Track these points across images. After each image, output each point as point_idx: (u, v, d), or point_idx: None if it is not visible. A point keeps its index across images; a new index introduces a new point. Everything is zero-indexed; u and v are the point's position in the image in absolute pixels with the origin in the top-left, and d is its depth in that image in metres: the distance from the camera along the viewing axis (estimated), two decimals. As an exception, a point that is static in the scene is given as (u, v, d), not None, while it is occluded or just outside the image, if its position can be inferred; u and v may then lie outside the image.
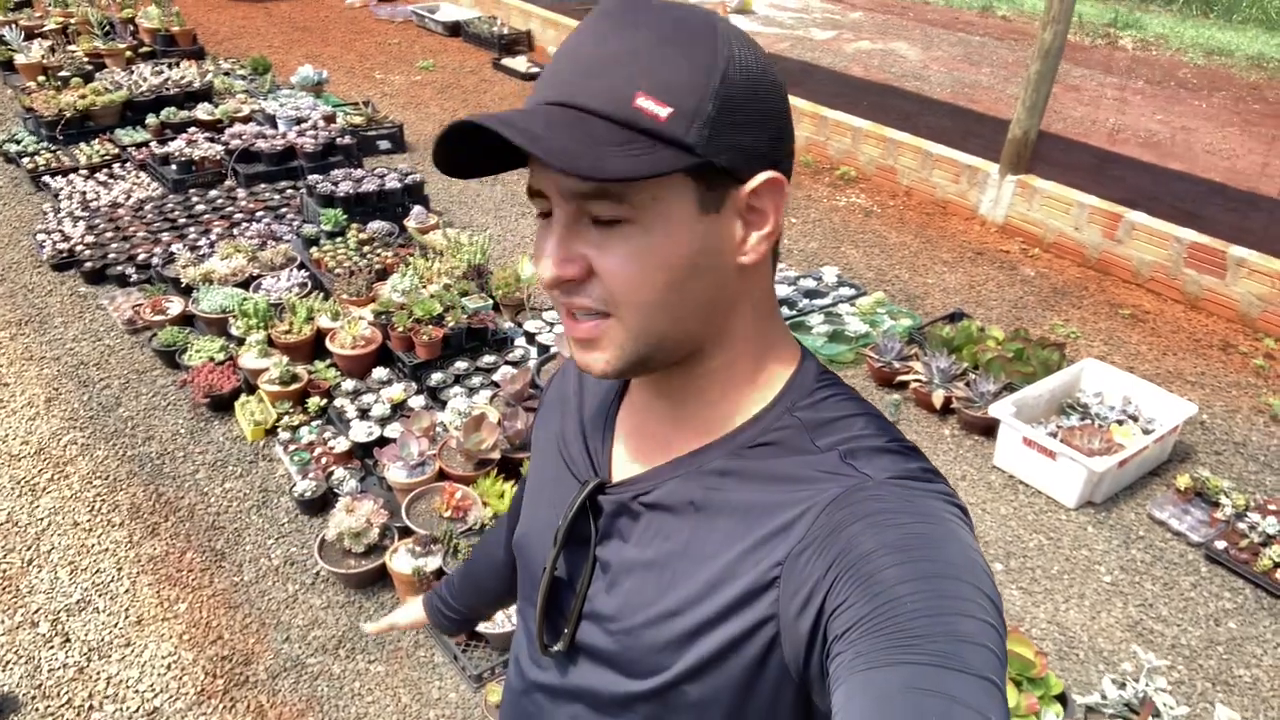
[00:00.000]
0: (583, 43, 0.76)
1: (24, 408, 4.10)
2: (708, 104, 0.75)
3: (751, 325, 0.88)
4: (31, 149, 6.34)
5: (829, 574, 0.73)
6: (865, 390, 4.42)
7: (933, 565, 0.70)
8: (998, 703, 0.63)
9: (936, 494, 0.79)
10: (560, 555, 0.96)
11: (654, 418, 0.93)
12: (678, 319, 0.81)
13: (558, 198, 0.77)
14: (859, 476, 0.79)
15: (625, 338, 0.80)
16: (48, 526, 3.46)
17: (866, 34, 10.99)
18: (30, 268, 5.16)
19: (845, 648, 0.68)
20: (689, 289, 0.80)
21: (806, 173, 6.96)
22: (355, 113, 7.11)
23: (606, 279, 0.78)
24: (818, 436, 0.84)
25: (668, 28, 0.76)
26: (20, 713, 2.78)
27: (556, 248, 0.78)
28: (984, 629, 0.66)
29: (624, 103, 0.73)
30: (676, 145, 0.74)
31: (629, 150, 0.72)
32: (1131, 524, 3.67)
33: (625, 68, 0.74)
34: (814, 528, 0.77)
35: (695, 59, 0.75)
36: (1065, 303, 5.28)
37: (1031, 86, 5.64)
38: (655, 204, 0.76)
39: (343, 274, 4.75)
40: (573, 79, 0.75)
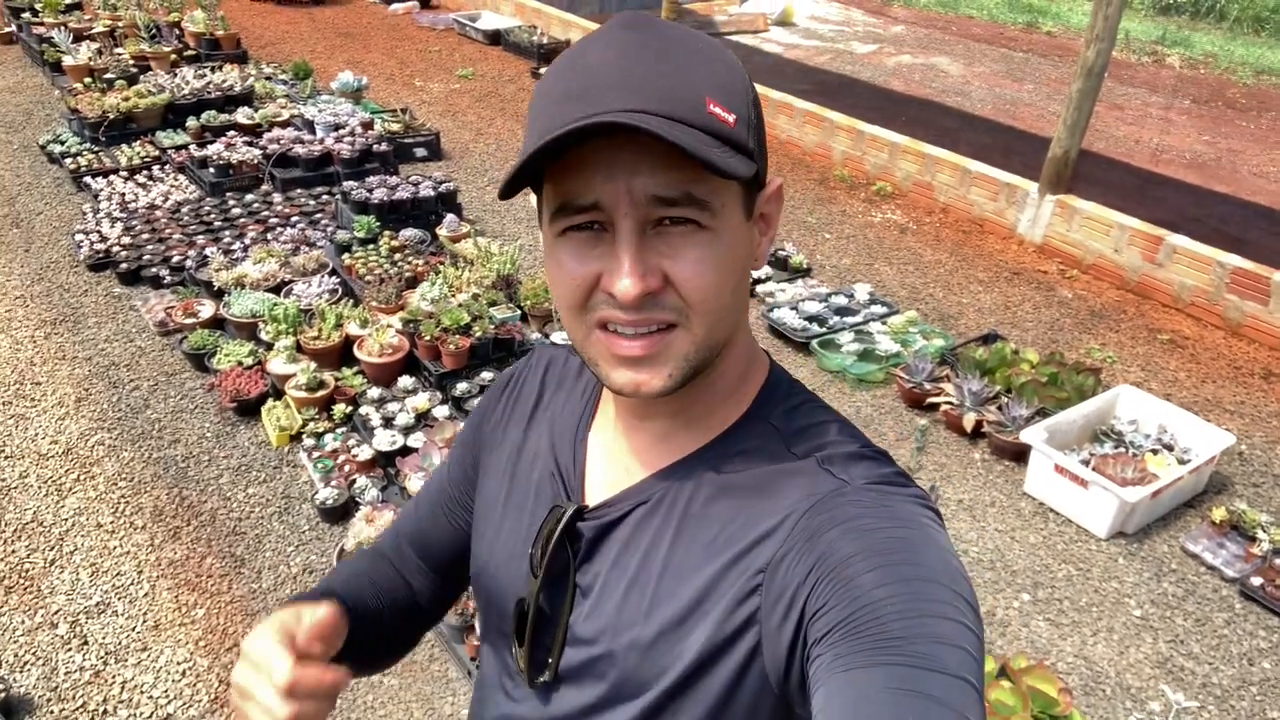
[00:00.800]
0: (620, 54, 0.74)
1: (54, 407, 4.15)
2: (752, 112, 0.78)
3: (745, 333, 0.90)
4: (74, 150, 6.45)
5: (809, 578, 0.74)
6: (895, 411, 4.36)
7: (911, 569, 0.71)
8: (975, 702, 0.64)
9: (912, 498, 0.80)
10: (540, 586, 0.93)
11: (634, 433, 0.92)
12: (730, 324, 0.82)
13: (626, 206, 0.74)
14: (837, 482, 0.81)
15: (691, 348, 0.79)
16: (72, 527, 3.49)
17: (908, 48, 10.90)
18: (67, 267, 5.24)
19: (824, 650, 0.69)
20: (740, 293, 0.83)
21: (842, 188, 6.90)
22: (393, 120, 7.15)
23: (684, 287, 0.76)
24: (794, 444, 0.86)
25: (696, 39, 0.78)
26: (36, 715, 2.79)
27: (635, 261, 0.75)
28: (961, 631, 0.67)
29: (699, 109, 0.73)
30: (744, 151, 0.76)
31: (724, 152, 0.73)
32: (1164, 556, 3.57)
33: (686, 75, 0.74)
34: (794, 534, 0.78)
35: (732, 67, 0.79)
36: (1102, 326, 5.17)
37: (1073, 105, 5.54)
38: (724, 209, 0.77)
39: (373, 281, 4.76)
40: (635, 88, 0.72)
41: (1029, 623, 3.26)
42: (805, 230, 6.19)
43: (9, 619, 3.11)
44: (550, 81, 0.78)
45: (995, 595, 3.37)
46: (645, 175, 0.73)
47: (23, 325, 4.72)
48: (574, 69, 0.75)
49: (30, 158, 6.57)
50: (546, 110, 0.75)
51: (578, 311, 0.80)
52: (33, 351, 4.52)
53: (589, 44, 0.77)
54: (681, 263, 0.76)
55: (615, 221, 0.75)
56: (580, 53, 0.77)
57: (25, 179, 6.27)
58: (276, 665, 0.79)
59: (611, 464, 0.93)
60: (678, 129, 0.70)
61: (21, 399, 4.19)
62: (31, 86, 7.96)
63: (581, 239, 0.77)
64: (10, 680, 2.88)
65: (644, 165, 0.73)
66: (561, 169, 0.75)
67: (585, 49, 0.76)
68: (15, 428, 4.01)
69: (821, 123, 7.33)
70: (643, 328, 0.78)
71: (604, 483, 0.93)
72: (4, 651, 2.99)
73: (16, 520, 3.52)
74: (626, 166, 0.73)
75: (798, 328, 4.81)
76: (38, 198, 6.03)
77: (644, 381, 0.80)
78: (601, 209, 0.75)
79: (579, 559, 0.91)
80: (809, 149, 7.46)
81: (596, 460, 0.95)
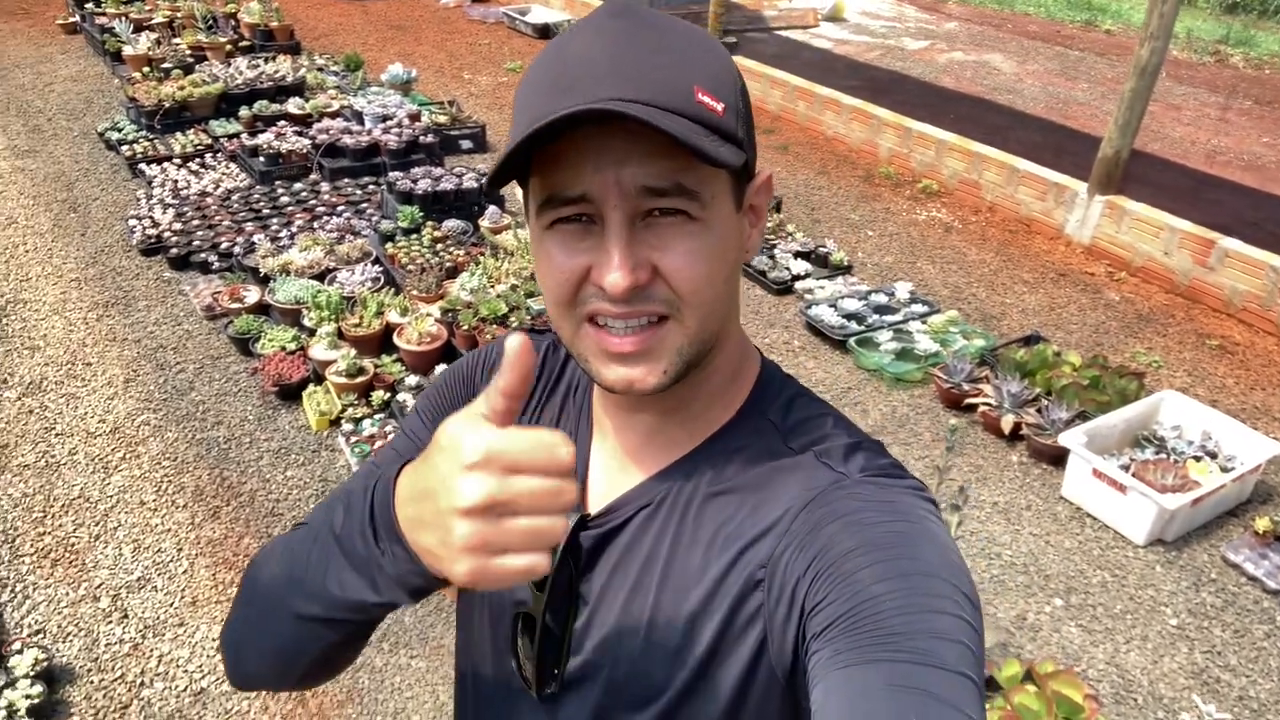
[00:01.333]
0: (608, 42, 0.73)
1: (104, 387, 4.26)
2: (740, 101, 0.77)
3: (737, 324, 0.89)
4: (131, 137, 6.61)
5: (808, 572, 0.74)
6: (932, 412, 4.32)
7: (910, 563, 0.70)
8: (974, 698, 0.64)
9: (910, 490, 0.80)
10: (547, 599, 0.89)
11: (626, 432, 0.90)
12: (721, 316, 0.81)
13: (616, 197, 0.72)
14: (835, 475, 0.80)
15: (684, 341, 0.78)
16: (116, 504, 3.59)
17: (960, 45, 10.75)
18: (121, 252, 5.37)
19: (823, 645, 0.69)
20: (731, 285, 0.81)
21: (887, 185, 6.83)
22: (440, 112, 7.23)
23: (674, 278, 0.75)
24: (791, 438, 0.85)
25: (684, 28, 0.77)
26: (76, 684, 2.88)
27: (625, 254, 0.73)
28: (960, 625, 0.67)
29: (688, 97, 0.72)
30: (732, 140, 0.75)
31: (714, 141, 0.72)
32: (1203, 565, 3.50)
33: (673, 64, 0.73)
34: (793, 528, 0.78)
35: (721, 56, 0.78)
36: (1149, 330, 5.07)
37: (1125, 104, 5.44)
38: (714, 200, 0.76)
39: (414, 270, 4.82)
40: (622, 77, 0.71)
41: (1060, 628, 3.22)
42: (848, 227, 6.15)
43: (54, 591, 3.21)
44: (537, 71, 0.76)
45: (1027, 599, 3.33)
46: (634, 165, 0.71)
47: (76, 307, 4.86)
48: (561, 58, 0.74)
49: (89, 144, 6.75)
50: (534, 100, 0.74)
51: (567, 306, 0.79)
52: (85, 333, 4.65)
53: (576, 33, 0.76)
54: (671, 254, 0.75)
55: (604, 213, 0.73)
56: (567, 41, 0.75)
57: (84, 165, 6.44)
58: (544, 447, 0.62)
59: (610, 466, 0.91)
60: (668, 118, 0.69)
61: (73, 379, 4.31)
62: (93, 75, 8.16)
63: (570, 231, 0.76)
64: (53, 650, 2.97)
65: (633, 155, 0.71)
66: (549, 160, 0.74)
67: (572, 38, 0.75)
68: (66, 406, 4.13)
69: (868, 119, 7.26)
70: (633, 321, 0.76)
71: (604, 485, 0.91)
72: (49, 622, 3.09)
73: (65, 496, 3.62)
74: (615, 157, 0.71)
75: (835, 325, 4.78)
76: (94, 183, 6.19)
77: (638, 378, 0.78)
78: (590, 200, 0.73)
79: (581, 569, 0.89)
80: (855, 145, 7.40)
81: (596, 462, 0.93)
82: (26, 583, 3.23)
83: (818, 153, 7.39)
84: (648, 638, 0.83)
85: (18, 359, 4.42)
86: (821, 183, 6.83)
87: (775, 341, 4.84)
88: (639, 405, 0.87)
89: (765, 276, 5.29)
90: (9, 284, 5.01)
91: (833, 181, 6.86)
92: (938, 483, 2.55)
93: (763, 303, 5.20)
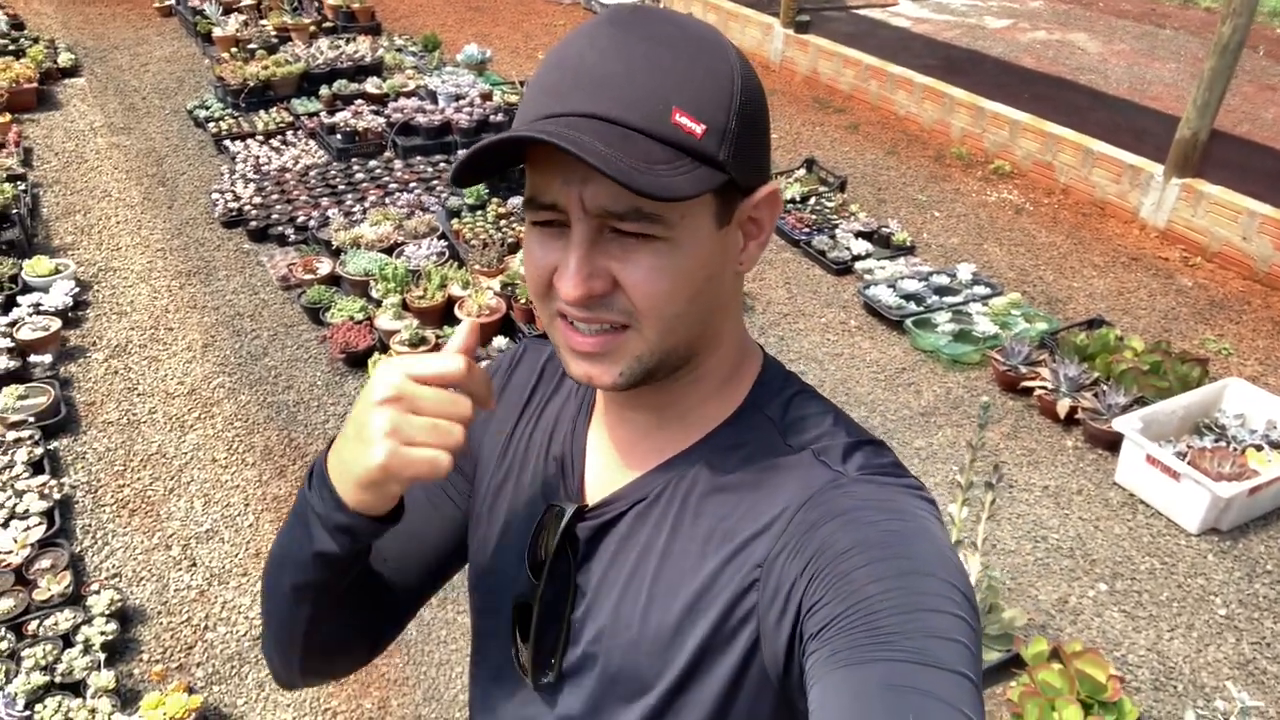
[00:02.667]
0: (598, 52, 0.74)
1: (183, 351, 4.50)
2: (733, 121, 0.76)
3: (734, 329, 0.89)
4: (218, 115, 6.88)
5: (805, 572, 0.74)
6: (988, 394, 4.28)
7: (907, 563, 0.71)
8: (972, 697, 0.64)
9: (908, 489, 0.80)
10: (543, 589, 0.91)
11: (629, 429, 0.92)
12: (689, 329, 0.81)
13: (579, 212, 0.75)
14: (832, 474, 0.81)
15: (644, 349, 0.80)
16: (190, 460, 3.80)
17: (1045, 24, 10.45)
18: (204, 224, 5.62)
19: (820, 646, 0.69)
20: (702, 300, 0.81)
21: (958, 165, 6.73)
22: (511, 92, 7.35)
23: (633, 293, 0.77)
24: (789, 436, 0.86)
25: (684, 41, 0.76)
26: (146, 624, 3.08)
27: (580, 264, 0.76)
28: (957, 624, 0.68)
29: (662, 119, 0.72)
30: (710, 163, 0.75)
31: (677, 169, 0.72)
32: (1259, 557, 3.43)
33: (655, 82, 0.73)
34: (790, 527, 0.79)
35: (717, 74, 0.76)
36: (1222, 317, 4.93)
37: (1205, 84, 5.26)
38: (683, 221, 0.76)
39: (477, 245, 4.95)
40: (600, 91, 0.72)
41: (1103, 613, 3.19)
42: (914, 208, 6.08)
43: (131, 539, 3.42)
44: (540, 70, 0.79)
45: (1070, 583, 3.31)
46: (596, 185, 0.73)
47: (161, 275, 5.11)
48: (558, 62, 0.76)
49: (179, 122, 7.05)
50: (529, 100, 0.77)
51: (541, 300, 0.82)
52: (168, 300, 4.89)
53: (576, 37, 0.77)
54: (631, 268, 0.76)
55: (570, 224, 0.76)
56: (566, 44, 0.77)
57: (173, 141, 6.73)
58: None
59: (608, 460, 0.93)
60: (627, 141, 0.71)
61: (155, 342, 4.55)
62: (185, 56, 8.49)
63: (547, 232, 0.79)
64: (127, 593, 3.18)
65: (595, 176, 0.72)
66: (533, 162, 0.77)
67: (571, 42, 0.77)
68: (148, 368, 4.36)
69: (941, 99, 7.15)
70: (593, 325, 0.79)
71: (602, 479, 0.93)
72: (124, 567, 3.30)
73: (143, 451, 3.85)
74: (580, 174, 0.73)
75: (893, 306, 4.76)
76: (183, 159, 6.47)
77: (595, 375, 0.81)
78: (559, 210, 0.76)
79: (579, 559, 0.90)
80: (926, 125, 7.30)
81: (594, 456, 0.94)
82: (106, 530, 3.45)
83: (888, 132, 7.30)
84: (640, 632, 0.85)
85: (106, 323, 4.69)
86: (890, 163, 6.76)
87: (831, 321, 4.85)
88: (635, 402, 0.89)
89: (825, 256, 5.28)
90: (101, 253, 5.30)
91: (902, 161, 6.78)
92: (970, 459, 2.56)
93: (821, 282, 5.19)
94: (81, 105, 7.33)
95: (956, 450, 3.90)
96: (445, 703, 2.87)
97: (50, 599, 3.04)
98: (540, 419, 1.00)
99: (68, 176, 6.17)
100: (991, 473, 2.63)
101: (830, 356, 4.56)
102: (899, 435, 4.01)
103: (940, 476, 3.74)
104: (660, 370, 0.82)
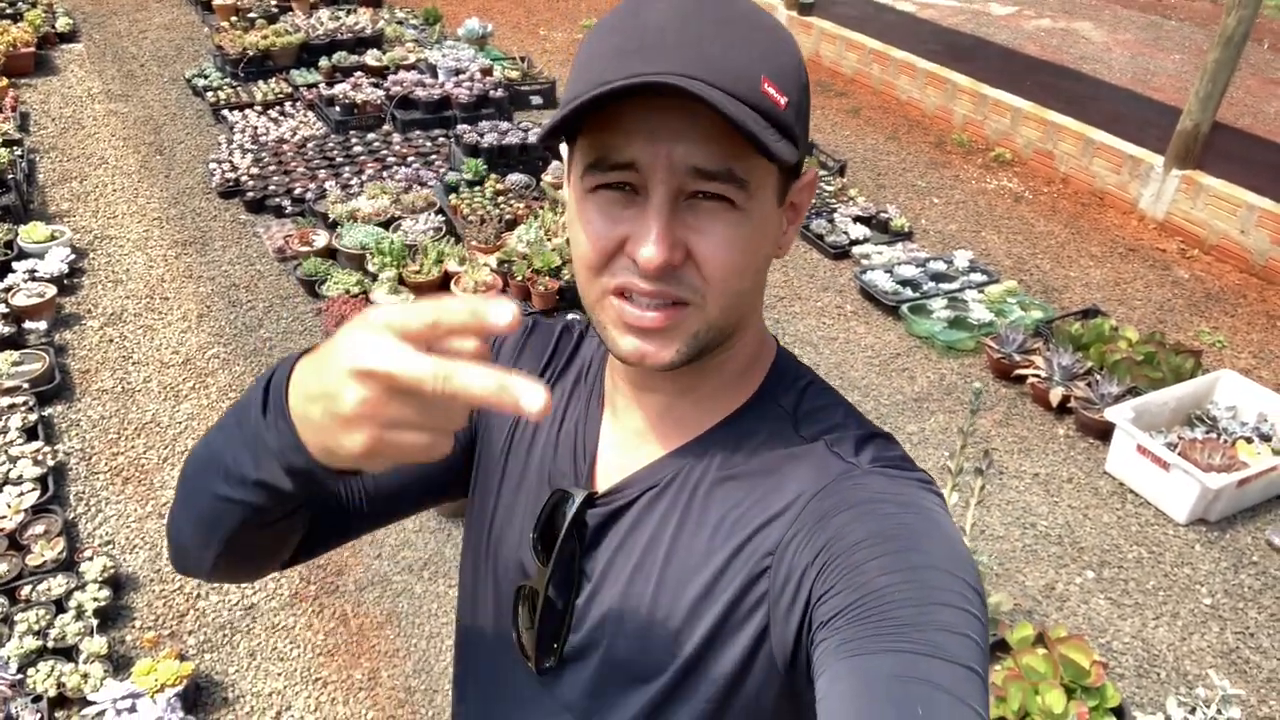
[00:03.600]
0: (681, 17, 0.72)
1: (179, 321, 4.49)
2: (803, 97, 0.76)
3: (758, 316, 0.89)
4: (216, 84, 6.84)
5: (816, 561, 0.74)
6: (982, 382, 4.29)
7: (919, 556, 0.72)
8: (979, 690, 0.65)
9: (918, 482, 0.81)
10: (550, 575, 0.89)
11: (643, 413, 0.90)
12: (743, 306, 0.81)
13: (665, 172, 0.72)
14: (845, 465, 0.81)
15: (703, 326, 0.78)
16: (184, 430, 3.81)
17: (1050, 12, 10.41)
18: (201, 193, 5.60)
19: (829, 635, 0.69)
20: (759, 278, 0.81)
21: (958, 152, 6.72)
22: (512, 67, 7.31)
23: (707, 264, 0.75)
24: (802, 426, 0.86)
25: (755, 15, 0.75)
26: (139, 591, 3.10)
27: (664, 230, 0.73)
28: (966, 618, 0.68)
29: (754, 86, 0.71)
30: (789, 135, 0.74)
31: (772, 134, 0.71)
32: (1246, 548, 3.45)
33: (743, 50, 0.72)
34: (802, 516, 0.79)
35: (792, 50, 0.76)
36: (1217, 309, 4.94)
37: (1208, 76, 5.26)
38: (759, 192, 0.75)
39: (474, 221, 4.94)
40: (692, 53, 0.70)
41: (1089, 600, 3.22)
42: (913, 193, 6.08)
43: (124, 506, 3.43)
44: (602, 35, 0.75)
45: (1058, 570, 3.33)
46: (689, 144, 0.71)
47: (158, 245, 5.10)
48: (632, 25, 0.73)
49: (177, 90, 7.01)
50: (598, 64, 0.73)
51: (596, 273, 0.78)
52: (164, 269, 4.88)
53: (647, 1, 0.74)
54: (708, 239, 0.74)
55: (650, 186, 0.73)
56: (637, 8, 0.74)
57: (171, 110, 6.70)
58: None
59: (621, 444, 0.91)
60: (734, 104, 0.69)
61: (151, 312, 4.55)
62: (184, 24, 8.43)
63: (612, 198, 0.75)
64: (120, 560, 3.19)
65: (690, 134, 0.71)
66: (603, 124, 0.73)
67: (643, 5, 0.74)
68: (143, 337, 4.36)
69: (943, 84, 7.13)
70: (656, 300, 0.76)
71: (613, 464, 0.91)
72: (117, 534, 3.31)
73: (138, 420, 3.85)
74: (672, 131, 0.71)
75: (889, 291, 4.77)
76: (181, 127, 6.44)
77: (651, 353, 0.78)
78: (638, 170, 0.72)
79: (586, 545, 0.89)
80: (929, 111, 7.28)
81: (606, 440, 0.93)
82: (100, 497, 3.46)
83: (890, 117, 7.29)
84: (649, 618, 0.84)
85: (101, 291, 4.68)
86: (891, 148, 6.75)
87: (827, 305, 4.85)
88: (652, 384, 0.87)
89: (822, 240, 5.28)
90: (97, 220, 5.28)
91: (902, 147, 6.77)
92: (961, 445, 2.57)
93: (818, 266, 5.20)
94: (79, 71, 7.29)
95: (949, 436, 3.92)
96: (435, 675, 2.89)
97: (43, 564, 3.06)
98: (557, 403, 0.97)
99: (65, 143, 6.14)
100: (981, 459, 2.65)
101: (825, 340, 4.57)
102: (892, 420, 4.03)
103: (932, 462, 3.76)
104: (709, 349, 0.80)
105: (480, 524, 0.99)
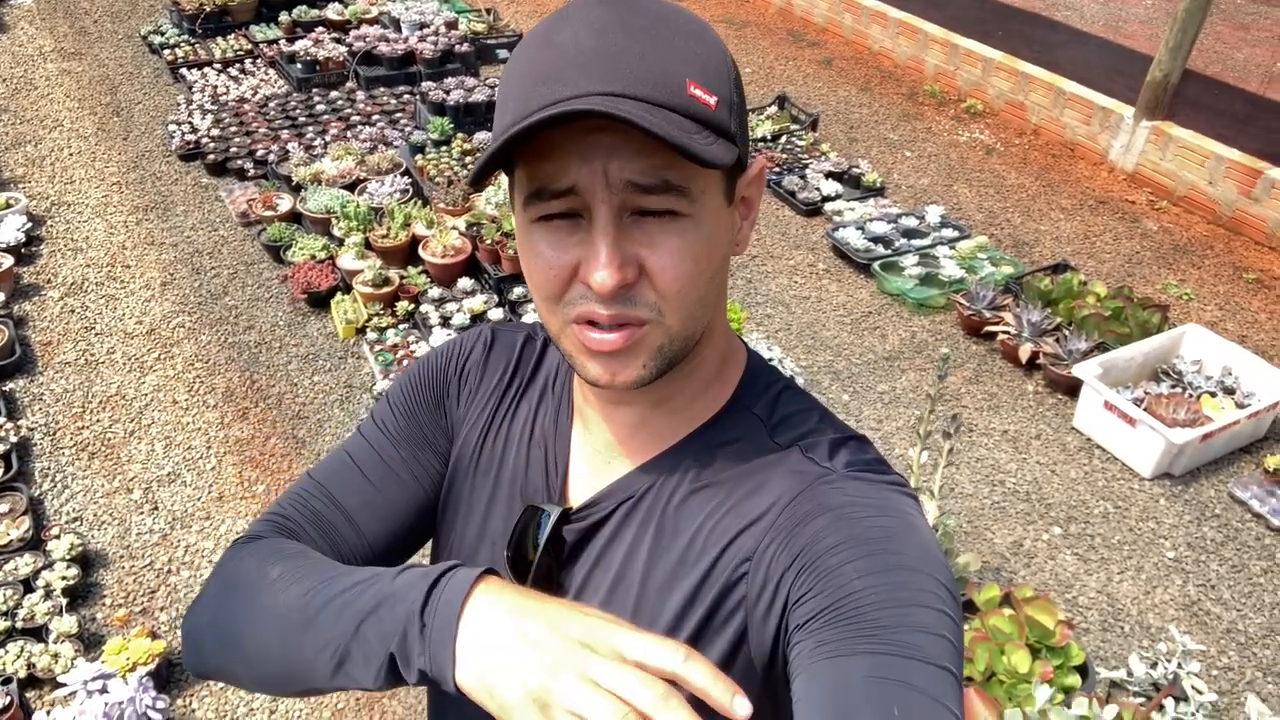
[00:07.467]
0: (596, 33, 0.71)
1: (141, 289, 4.42)
2: (734, 92, 0.75)
3: (723, 318, 0.88)
4: (173, 41, 6.66)
5: (794, 565, 0.75)
6: (952, 338, 4.32)
7: (894, 558, 0.72)
8: (954, 690, 0.66)
9: (893, 485, 0.81)
10: None
11: (610, 423, 0.89)
12: (704, 314, 0.80)
13: (604, 191, 0.71)
14: (820, 470, 0.82)
15: (665, 340, 0.77)
16: (150, 402, 3.76)
17: (1023, -45, 10.31)
18: (160, 156, 5.48)
19: (805, 637, 0.70)
20: (716, 282, 0.80)
21: (930, 104, 6.68)
22: (477, 20, 7.16)
23: (660, 278, 0.74)
24: (777, 433, 0.86)
25: (674, 17, 0.74)
26: (109, 569, 3.08)
27: (612, 250, 0.72)
28: (941, 619, 0.69)
29: (679, 92, 0.70)
30: (724, 135, 0.73)
31: (704, 139, 0.70)
32: (1209, 501, 3.51)
33: (665, 56, 0.71)
34: (779, 522, 0.79)
35: (715, 48, 0.75)
36: (1185, 261, 4.97)
37: (1178, 25, 5.23)
38: (703, 196, 0.74)
39: (441, 183, 4.87)
40: (612, 69, 0.69)
41: (1056, 556, 3.27)
42: (885, 147, 6.04)
43: (91, 482, 3.39)
44: (522, 61, 0.74)
45: (1025, 527, 3.38)
46: (623, 160, 0.70)
47: (118, 210, 4.99)
48: (548, 48, 0.72)
49: (133, 48, 6.82)
50: (519, 92, 0.72)
51: (555, 303, 0.77)
52: (125, 236, 4.79)
53: (561, 21, 0.73)
54: (658, 253, 0.73)
55: (592, 207, 0.72)
56: (552, 30, 0.73)
57: (127, 69, 6.52)
58: None
59: (594, 457, 0.91)
60: (657, 114, 0.68)
61: (112, 280, 4.47)
62: (138, -24, 8.19)
63: (558, 226, 0.74)
64: (88, 537, 3.16)
65: (622, 150, 0.70)
66: (536, 152, 0.72)
67: (557, 26, 0.73)
68: (105, 307, 4.29)
69: (915, 34, 7.06)
70: (618, 320, 0.75)
71: (586, 477, 0.91)
72: (85, 511, 3.28)
73: (102, 393, 3.80)
74: (604, 150, 0.70)
75: (860, 248, 4.76)
76: (138, 87, 6.28)
77: (619, 374, 0.78)
78: (578, 193, 0.72)
79: (563, 562, 0.89)
80: (900, 61, 7.21)
81: (578, 454, 0.92)
82: (66, 473, 3.42)
83: (862, 68, 7.22)
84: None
85: (61, 260, 4.59)
86: (863, 100, 6.69)
87: (800, 264, 4.84)
88: (624, 397, 0.86)
89: (794, 197, 5.25)
90: (54, 186, 5.16)
91: (875, 99, 6.72)
92: (929, 410, 2.58)
93: (790, 224, 5.17)
94: (29, 28, 7.07)
95: (919, 395, 3.94)
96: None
97: (9, 544, 3.03)
98: (518, 410, 0.97)
99: (17, 104, 5.98)
100: (949, 422, 2.66)
101: (798, 300, 4.57)
102: (863, 379, 4.04)
103: (902, 421, 3.79)
104: (676, 360, 0.80)
105: (454, 539, 0.98)
